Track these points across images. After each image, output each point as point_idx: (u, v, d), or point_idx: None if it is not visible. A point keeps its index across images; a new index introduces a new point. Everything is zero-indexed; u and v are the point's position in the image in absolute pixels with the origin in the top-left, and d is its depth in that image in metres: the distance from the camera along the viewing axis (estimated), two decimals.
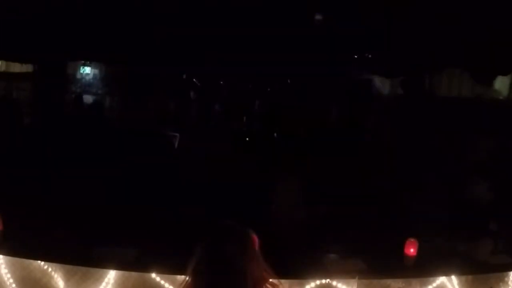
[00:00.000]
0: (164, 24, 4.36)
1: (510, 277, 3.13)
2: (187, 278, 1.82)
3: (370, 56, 5.00)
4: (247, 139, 9.26)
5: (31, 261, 2.75)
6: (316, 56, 5.37)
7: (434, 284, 2.98)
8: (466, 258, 3.18)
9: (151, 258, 2.76)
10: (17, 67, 8.75)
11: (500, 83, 5.47)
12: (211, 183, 4.34)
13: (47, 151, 4.23)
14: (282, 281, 1.97)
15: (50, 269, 2.74)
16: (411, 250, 3.03)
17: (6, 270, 2.75)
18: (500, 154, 5.08)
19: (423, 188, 4.47)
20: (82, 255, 2.76)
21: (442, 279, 2.98)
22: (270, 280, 1.85)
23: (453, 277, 3.00)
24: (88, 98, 9.86)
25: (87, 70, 10.41)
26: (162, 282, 2.69)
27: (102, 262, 2.71)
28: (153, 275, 2.69)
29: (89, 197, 3.81)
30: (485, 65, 4.49)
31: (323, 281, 2.79)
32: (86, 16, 4.29)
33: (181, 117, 11.15)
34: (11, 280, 2.74)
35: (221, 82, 10.65)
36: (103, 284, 2.70)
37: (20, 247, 2.82)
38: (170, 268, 2.68)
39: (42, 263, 2.74)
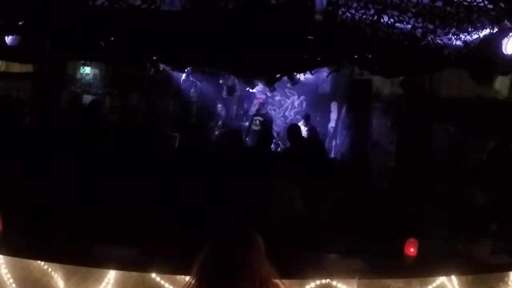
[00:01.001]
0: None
1: (510, 277, 3.13)
2: (191, 279, 1.81)
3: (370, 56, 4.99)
4: (247, 138, 9.28)
5: (31, 261, 2.75)
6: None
7: (434, 284, 2.98)
8: (466, 258, 3.18)
9: (151, 258, 2.76)
10: (17, 67, 8.76)
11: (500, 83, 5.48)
12: (210, 184, 4.34)
13: (47, 151, 4.23)
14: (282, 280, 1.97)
15: (50, 269, 2.74)
16: (411, 250, 3.04)
17: (6, 270, 2.75)
18: (500, 154, 5.09)
19: (424, 188, 4.47)
20: (82, 255, 2.76)
21: (442, 279, 2.99)
22: (274, 280, 1.86)
23: (453, 277, 3.00)
24: (88, 98, 9.89)
25: (87, 70, 10.43)
26: (162, 282, 2.69)
27: (102, 262, 2.71)
28: (153, 275, 2.69)
29: (89, 197, 3.80)
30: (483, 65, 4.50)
31: (323, 281, 2.80)
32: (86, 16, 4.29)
33: (181, 118, 11.18)
34: (11, 280, 2.75)
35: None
36: (103, 284, 2.70)
37: (20, 247, 2.82)
38: (170, 268, 2.69)
39: (42, 263, 2.74)
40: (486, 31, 4.35)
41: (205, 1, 4.21)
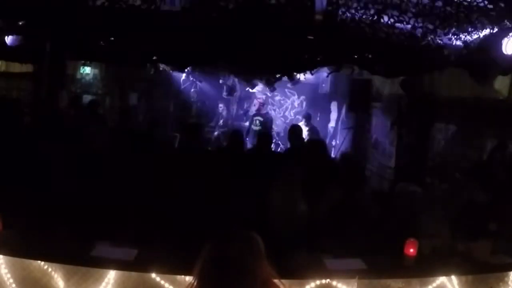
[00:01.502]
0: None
1: (510, 277, 3.13)
2: (193, 280, 1.81)
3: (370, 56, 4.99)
4: (247, 138, 9.27)
5: (31, 261, 2.75)
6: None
7: (434, 284, 2.98)
8: (466, 258, 3.18)
9: (151, 258, 2.76)
10: (17, 67, 8.76)
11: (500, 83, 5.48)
12: (210, 184, 4.34)
13: (47, 151, 4.23)
14: (282, 281, 1.97)
15: (50, 269, 2.74)
16: (411, 250, 3.04)
17: (6, 270, 2.75)
18: (500, 154, 5.08)
19: (424, 188, 4.48)
20: (82, 255, 2.76)
21: (442, 279, 2.99)
22: (274, 281, 1.86)
23: (453, 277, 3.00)
24: (88, 98, 9.88)
25: (87, 70, 10.42)
26: (162, 282, 2.69)
27: (102, 262, 2.71)
28: (153, 275, 2.69)
29: (89, 197, 3.80)
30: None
31: (323, 281, 2.80)
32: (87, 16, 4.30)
33: (181, 117, 11.19)
34: (11, 280, 2.75)
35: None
36: (103, 284, 2.70)
37: (20, 247, 2.82)
38: (170, 268, 2.69)
39: (42, 263, 2.75)
40: (486, 31, 4.35)
41: (205, 1, 4.21)
